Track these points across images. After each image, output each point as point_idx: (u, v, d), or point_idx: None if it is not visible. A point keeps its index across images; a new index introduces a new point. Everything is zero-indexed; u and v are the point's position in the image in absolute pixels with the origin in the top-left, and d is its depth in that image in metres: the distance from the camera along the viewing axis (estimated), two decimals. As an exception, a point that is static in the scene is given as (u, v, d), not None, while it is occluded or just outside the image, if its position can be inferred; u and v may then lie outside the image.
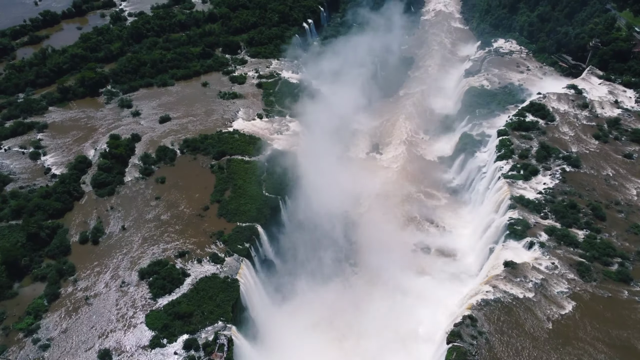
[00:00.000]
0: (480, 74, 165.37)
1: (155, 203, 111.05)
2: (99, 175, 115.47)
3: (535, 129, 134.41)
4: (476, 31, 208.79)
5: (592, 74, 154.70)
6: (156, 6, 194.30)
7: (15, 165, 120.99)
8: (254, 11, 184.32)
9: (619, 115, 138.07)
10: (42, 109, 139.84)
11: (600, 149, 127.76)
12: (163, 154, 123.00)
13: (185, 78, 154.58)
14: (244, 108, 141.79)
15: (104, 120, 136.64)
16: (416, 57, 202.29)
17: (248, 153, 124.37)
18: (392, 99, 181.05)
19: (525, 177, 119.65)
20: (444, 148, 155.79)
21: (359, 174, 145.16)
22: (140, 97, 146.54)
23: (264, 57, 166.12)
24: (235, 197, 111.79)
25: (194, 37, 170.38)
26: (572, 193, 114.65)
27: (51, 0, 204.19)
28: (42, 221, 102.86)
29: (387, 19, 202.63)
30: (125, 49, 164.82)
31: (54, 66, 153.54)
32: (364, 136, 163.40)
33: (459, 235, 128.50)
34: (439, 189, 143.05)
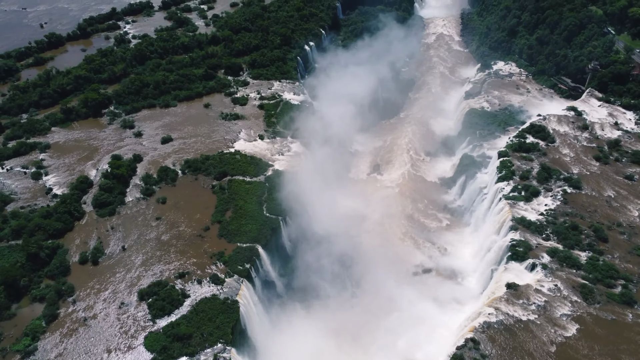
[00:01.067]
0: (480, 96, 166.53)
1: (155, 223, 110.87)
2: (100, 196, 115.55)
3: (536, 150, 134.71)
4: (476, 54, 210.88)
5: (592, 96, 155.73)
6: (160, 29, 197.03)
7: (17, 185, 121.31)
8: (256, 34, 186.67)
9: (619, 137, 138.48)
10: (45, 129, 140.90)
11: (601, 171, 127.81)
12: (164, 175, 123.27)
13: (188, 99, 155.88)
14: (245, 129, 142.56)
15: (106, 141, 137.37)
16: (417, 79, 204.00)
17: (249, 174, 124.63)
18: (393, 120, 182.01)
19: (526, 198, 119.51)
20: (445, 169, 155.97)
21: (359, 195, 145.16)
22: (143, 118, 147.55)
23: (265, 78, 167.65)
24: (236, 218, 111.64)
25: (197, 59, 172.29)
26: (574, 214, 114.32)
27: (57, 23, 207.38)
28: (42, 241, 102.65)
29: (387, 42, 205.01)
30: (128, 71, 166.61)
31: (57, 87, 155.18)
32: (365, 157, 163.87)
33: (461, 256, 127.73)
34: (440, 210, 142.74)
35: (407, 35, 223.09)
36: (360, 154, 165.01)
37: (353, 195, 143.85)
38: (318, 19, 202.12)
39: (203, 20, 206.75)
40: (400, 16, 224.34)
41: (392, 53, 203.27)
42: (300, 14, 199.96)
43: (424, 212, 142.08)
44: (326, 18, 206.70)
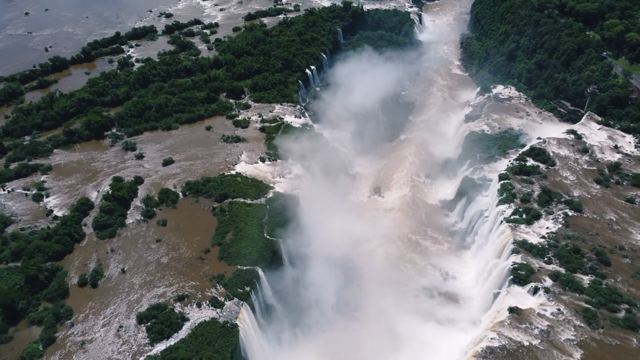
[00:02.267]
0: (480, 119, 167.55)
1: (155, 246, 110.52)
2: (100, 218, 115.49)
3: (537, 173, 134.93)
4: (475, 77, 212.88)
5: (591, 119, 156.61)
6: (163, 52, 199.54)
7: (18, 206, 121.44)
8: (258, 58, 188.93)
9: (620, 160, 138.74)
10: (47, 151, 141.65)
11: (602, 194, 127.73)
12: (165, 197, 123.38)
13: (190, 122, 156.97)
14: (246, 151, 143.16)
15: (107, 163, 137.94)
16: (417, 102, 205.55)
17: (250, 196, 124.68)
18: (393, 143, 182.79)
19: (527, 221, 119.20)
20: (446, 192, 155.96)
21: (360, 217, 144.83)
22: (145, 140, 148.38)
23: (267, 101, 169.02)
24: (236, 240, 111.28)
25: (199, 83, 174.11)
26: (576, 238, 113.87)
27: (61, 46, 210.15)
28: (41, 263, 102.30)
29: (388, 66, 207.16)
30: (131, 94, 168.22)
31: (60, 109, 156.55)
32: (366, 179, 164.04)
33: (462, 279, 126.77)
34: (441, 233, 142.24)
35: (407, 59, 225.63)
36: (361, 176, 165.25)
37: (354, 217, 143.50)
38: (319, 43, 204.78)
39: (206, 45, 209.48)
40: (400, 40, 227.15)
41: (393, 76, 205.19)
42: (301, 38, 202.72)
43: (424, 234, 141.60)
44: (327, 42, 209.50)
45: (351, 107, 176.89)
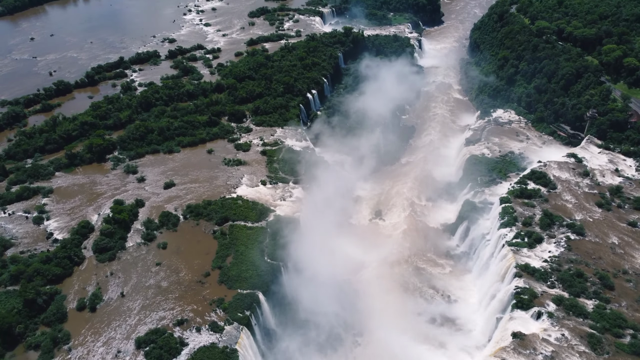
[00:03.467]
0: (480, 143, 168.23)
1: (155, 269, 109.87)
2: (100, 241, 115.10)
3: (538, 196, 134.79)
4: (475, 101, 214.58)
5: (591, 143, 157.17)
6: (166, 77, 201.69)
7: (18, 229, 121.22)
8: (260, 82, 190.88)
9: (621, 184, 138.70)
10: (48, 174, 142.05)
11: (604, 217, 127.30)
12: (166, 220, 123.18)
13: (191, 145, 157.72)
14: (248, 174, 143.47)
15: (109, 186, 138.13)
16: (417, 126, 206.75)
17: (251, 219, 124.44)
18: (394, 167, 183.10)
19: (529, 244, 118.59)
20: (447, 215, 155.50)
21: (361, 241, 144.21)
22: (146, 163, 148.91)
23: (268, 125, 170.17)
24: (236, 264, 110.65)
25: (201, 106, 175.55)
26: (579, 261, 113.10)
27: (65, 71, 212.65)
28: (40, 287, 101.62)
29: (388, 90, 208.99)
30: (134, 117, 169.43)
31: (63, 133, 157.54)
32: (367, 203, 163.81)
33: (465, 304, 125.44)
34: (443, 257, 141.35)
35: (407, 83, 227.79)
36: (362, 199, 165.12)
37: (355, 241, 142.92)
38: (320, 68, 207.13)
39: (208, 69, 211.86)
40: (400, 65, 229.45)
41: (393, 101, 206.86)
42: (303, 63, 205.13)
43: (426, 258, 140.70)
44: (328, 67, 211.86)
45: (352, 131, 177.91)
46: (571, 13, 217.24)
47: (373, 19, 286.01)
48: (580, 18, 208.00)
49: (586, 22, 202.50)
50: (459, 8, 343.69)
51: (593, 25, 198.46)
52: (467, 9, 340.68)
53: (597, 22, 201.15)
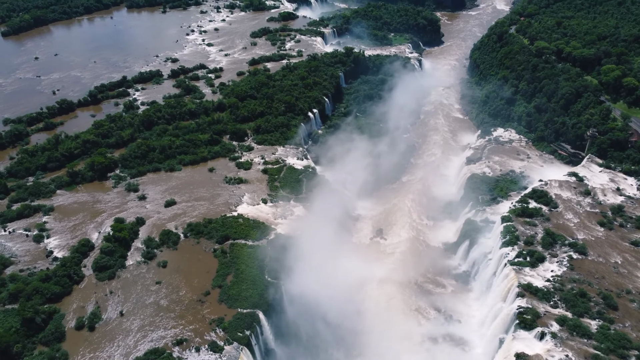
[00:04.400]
0: (481, 162, 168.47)
1: (155, 288, 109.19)
2: (100, 259, 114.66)
3: (539, 215, 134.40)
4: (475, 121, 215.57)
5: (592, 162, 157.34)
6: (168, 96, 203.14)
7: (18, 247, 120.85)
8: (262, 101, 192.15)
9: (622, 203, 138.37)
10: (50, 192, 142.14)
11: (606, 236, 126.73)
12: (166, 238, 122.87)
13: (193, 163, 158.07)
14: (249, 193, 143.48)
15: (110, 204, 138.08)
16: (418, 145, 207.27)
17: (251, 237, 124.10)
18: (395, 185, 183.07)
19: (531, 264, 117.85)
20: (448, 234, 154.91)
21: (362, 260, 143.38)
22: (148, 181, 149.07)
23: (270, 144, 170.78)
24: (236, 282, 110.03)
25: (203, 125, 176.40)
26: (581, 281, 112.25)
27: (69, 90, 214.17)
28: (39, 305, 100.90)
29: (389, 110, 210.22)
30: (136, 136, 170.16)
31: (65, 151, 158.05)
32: (368, 221, 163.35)
33: (467, 324, 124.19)
34: (445, 276, 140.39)
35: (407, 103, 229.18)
36: (363, 218, 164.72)
37: (356, 259, 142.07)
38: (321, 87, 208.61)
39: (210, 88, 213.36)
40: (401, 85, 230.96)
41: (393, 120, 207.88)
42: (304, 82, 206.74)
43: (427, 277, 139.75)
44: (329, 86, 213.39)
45: (352, 150, 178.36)
46: (570, 34, 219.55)
47: (374, 39, 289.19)
48: (579, 39, 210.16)
49: (585, 42, 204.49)
50: (458, 28, 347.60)
51: (592, 45, 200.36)
52: (466, 30, 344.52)
53: (596, 42, 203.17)
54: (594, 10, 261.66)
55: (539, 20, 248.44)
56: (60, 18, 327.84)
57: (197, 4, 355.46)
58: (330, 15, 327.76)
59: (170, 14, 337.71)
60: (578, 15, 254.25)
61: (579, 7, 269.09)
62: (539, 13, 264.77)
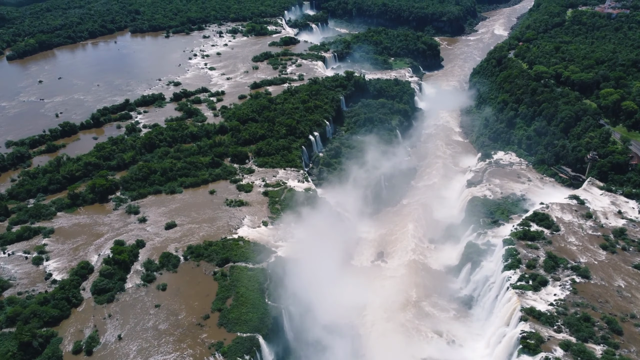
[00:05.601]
0: (482, 184, 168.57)
1: (154, 311, 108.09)
2: (99, 282, 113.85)
3: (541, 238, 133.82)
4: (476, 144, 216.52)
5: (593, 185, 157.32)
6: (170, 119, 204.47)
7: (17, 270, 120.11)
8: (263, 124, 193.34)
9: (624, 226, 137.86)
10: (50, 214, 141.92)
11: (609, 260, 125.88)
12: (166, 261, 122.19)
13: (194, 186, 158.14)
14: (249, 215, 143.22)
15: (110, 226, 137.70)
16: (419, 167, 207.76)
17: (252, 260, 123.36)
18: (396, 208, 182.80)
19: (534, 287, 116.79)
20: (450, 257, 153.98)
21: (364, 283, 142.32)
22: (148, 203, 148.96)
23: (270, 166, 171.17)
24: (236, 306, 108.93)
25: (204, 148, 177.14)
26: (585, 305, 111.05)
27: (72, 112, 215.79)
28: (36, 329, 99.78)
29: (389, 133, 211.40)
30: (137, 158, 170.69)
31: (67, 173, 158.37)
32: (369, 244, 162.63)
33: (470, 348, 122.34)
34: (447, 299, 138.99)
35: (408, 126, 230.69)
36: (364, 241, 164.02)
37: (357, 283, 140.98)
38: (322, 111, 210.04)
39: (212, 111, 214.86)
40: (401, 108, 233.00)
41: (394, 143, 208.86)
42: (305, 105, 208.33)
43: (429, 301, 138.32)
44: (330, 110, 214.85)
45: (354, 173, 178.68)
46: (568, 58, 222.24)
47: (374, 63, 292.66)
48: (577, 63, 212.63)
49: (583, 66, 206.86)
50: (458, 53, 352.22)
51: (590, 69, 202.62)
52: (466, 54, 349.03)
53: (594, 66, 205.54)
54: (592, 35, 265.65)
55: (538, 45, 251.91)
56: (65, 42, 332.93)
57: (200, 29, 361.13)
58: (331, 40, 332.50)
59: (173, 39, 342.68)
60: (576, 40, 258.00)
61: (577, 32, 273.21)
62: (537, 38, 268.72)
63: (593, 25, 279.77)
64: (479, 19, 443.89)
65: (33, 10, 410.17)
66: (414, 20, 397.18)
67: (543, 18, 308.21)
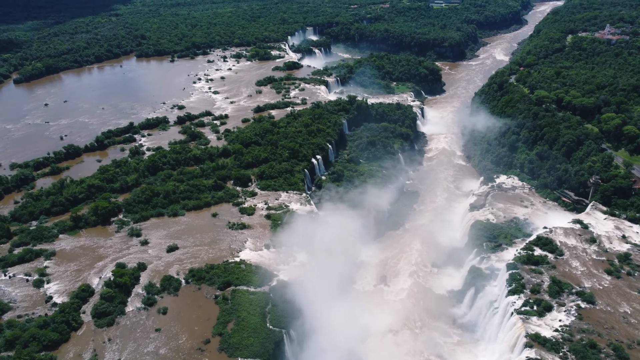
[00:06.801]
0: (485, 208, 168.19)
1: (154, 335, 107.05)
2: (100, 305, 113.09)
3: (545, 263, 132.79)
4: (478, 167, 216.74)
5: (596, 209, 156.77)
6: (174, 142, 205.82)
7: (17, 292, 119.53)
8: (266, 147, 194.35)
9: (629, 251, 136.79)
10: (52, 236, 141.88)
11: (614, 285, 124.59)
12: (167, 284, 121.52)
13: (196, 209, 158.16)
14: (251, 238, 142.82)
15: (111, 249, 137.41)
16: (421, 191, 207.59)
17: (253, 284, 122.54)
18: (398, 232, 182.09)
19: (539, 313, 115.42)
20: (453, 281, 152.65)
21: (366, 307, 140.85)
22: (150, 226, 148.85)
23: (273, 189, 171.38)
24: (238, 330, 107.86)
25: (207, 171, 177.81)
26: (591, 331, 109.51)
27: (76, 135, 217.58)
28: (35, 353, 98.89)
29: (391, 156, 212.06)
30: (140, 181, 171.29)
31: (70, 195, 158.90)
32: (371, 268, 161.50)
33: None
34: (450, 325, 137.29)
35: (411, 149, 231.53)
36: (366, 264, 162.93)
37: (359, 307, 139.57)
38: (325, 134, 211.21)
39: (215, 134, 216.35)
40: (403, 132, 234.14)
41: (396, 167, 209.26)
42: (308, 129, 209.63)
43: (433, 326, 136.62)
44: (333, 133, 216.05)
45: (356, 196, 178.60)
46: (569, 83, 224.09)
47: (377, 87, 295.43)
48: (578, 88, 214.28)
49: (584, 91, 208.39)
50: (459, 77, 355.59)
51: (591, 94, 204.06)
52: (467, 79, 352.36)
53: (595, 91, 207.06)
54: (592, 60, 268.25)
55: (538, 70, 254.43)
56: (71, 66, 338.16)
57: (204, 53, 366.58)
58: (334, 65, 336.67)
59: (178, 63, 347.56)
60: (576, 65, 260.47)
61: (577, 57, 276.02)
62: (537, 63, 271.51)
63: (593, 50, 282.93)
64: (480, 44, 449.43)
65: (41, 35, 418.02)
66: (415, 46, 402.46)
67: (543, 44, 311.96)
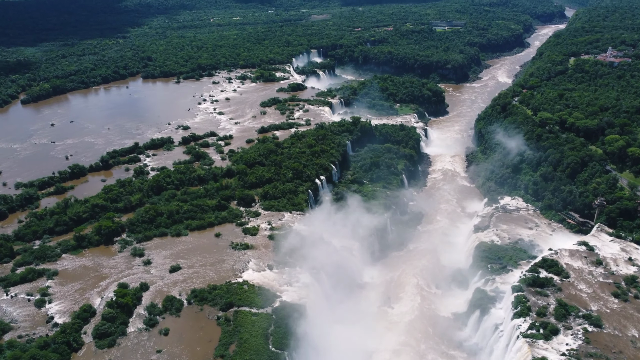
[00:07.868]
0: (489, 230, 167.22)
1: (156, 357, 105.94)
2: (101, 325, 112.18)
3: (551, 285, 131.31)
4: (482, 189, 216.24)
5: (602, 231, 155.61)
6: (178, 162, 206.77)
7: (19, 312, 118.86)
8: (270, 168, 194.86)
9: (636, 273, 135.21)
10: (55, 256, 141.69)
11: (621, 308, 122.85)
12: (169, 305, 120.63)
13: (200, 229, 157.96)
14: (254, 259, 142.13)
15: (114, 269, 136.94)
16: (425, 212, 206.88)
17: (256, 305, 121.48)
18: (402, 253, 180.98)
19: (545, 336, 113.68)
20: (458, 303, 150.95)
21: (369, 329, 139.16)
22: (154, 246, 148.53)
23: (277, 210, 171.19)
24: (240, 352, 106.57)
25: (211, 191, 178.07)
26: (599, 356, 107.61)
27: (81, 155, 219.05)
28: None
29: (395, 177, 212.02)
30: (144, 200, 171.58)
31: (74, 215, 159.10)
32: (375, 289, 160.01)
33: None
34: (455, 348, 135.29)
35: (414, 170, 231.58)
36: (370, 286, 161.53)
37: (363, 329, 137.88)
38: (329, 155, 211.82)
39: (219, 155, 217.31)
40: (407, 153, 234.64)
41: (400, 188, 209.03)
42: (312, 150, 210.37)
43: (438, 349, 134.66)
44: (336, 154, 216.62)
45: (360, 217, 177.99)
46: (572, 105, 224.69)
47: (380, 109, 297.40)
48: (581, 110, 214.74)
49: (587, 113, 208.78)
50: (462, 99, 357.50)
51: (594, 116, 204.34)
52: (470, 100, 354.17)
53: (598, 113, 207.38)
54: (595, 83, 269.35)
55: (541, 92, 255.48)
56: (78, 87, 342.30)
57: (210, 75, 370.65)
58: (338, 87, 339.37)
59: (183, 84, 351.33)
60: (579, 87, 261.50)
61: (580, 79, 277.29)
62: (540, 85, 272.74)
63: (596, 73, 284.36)
64: (483, 66, 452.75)
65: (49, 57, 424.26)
66: (419, 68, 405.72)
67: (546, 66, 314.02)
